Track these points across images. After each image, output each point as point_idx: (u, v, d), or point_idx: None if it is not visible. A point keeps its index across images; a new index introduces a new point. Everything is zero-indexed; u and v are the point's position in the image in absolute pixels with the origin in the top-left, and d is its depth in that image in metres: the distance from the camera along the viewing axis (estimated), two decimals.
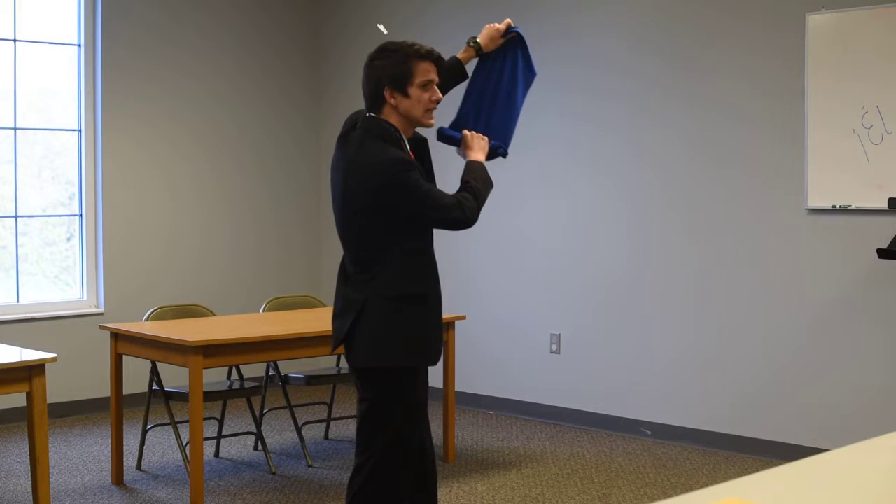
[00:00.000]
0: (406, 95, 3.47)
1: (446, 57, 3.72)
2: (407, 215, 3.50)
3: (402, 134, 3.53)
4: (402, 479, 3.59)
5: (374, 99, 3.51)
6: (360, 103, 3.63)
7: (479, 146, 3.72)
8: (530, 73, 3.93)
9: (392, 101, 3.48)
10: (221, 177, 7.49)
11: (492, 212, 7.08)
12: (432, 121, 3.56)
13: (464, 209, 3.53)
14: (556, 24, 6.55)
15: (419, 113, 3.50)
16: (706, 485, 3.97)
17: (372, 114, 3.54)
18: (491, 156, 3.79)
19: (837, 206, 5.48)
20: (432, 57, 3.50)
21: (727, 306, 5.93)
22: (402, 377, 3.55)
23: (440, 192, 3.53)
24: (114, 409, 5.23)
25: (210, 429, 5.77)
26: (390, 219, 3.49)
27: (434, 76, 3.51)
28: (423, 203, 3.47)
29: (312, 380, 5.83)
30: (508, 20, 3.92)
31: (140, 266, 7.04)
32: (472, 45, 3.89)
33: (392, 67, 3.46)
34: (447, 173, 4.03)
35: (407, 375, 3.56)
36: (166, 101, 7.19)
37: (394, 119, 3.51)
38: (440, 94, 3.54)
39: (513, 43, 3.92)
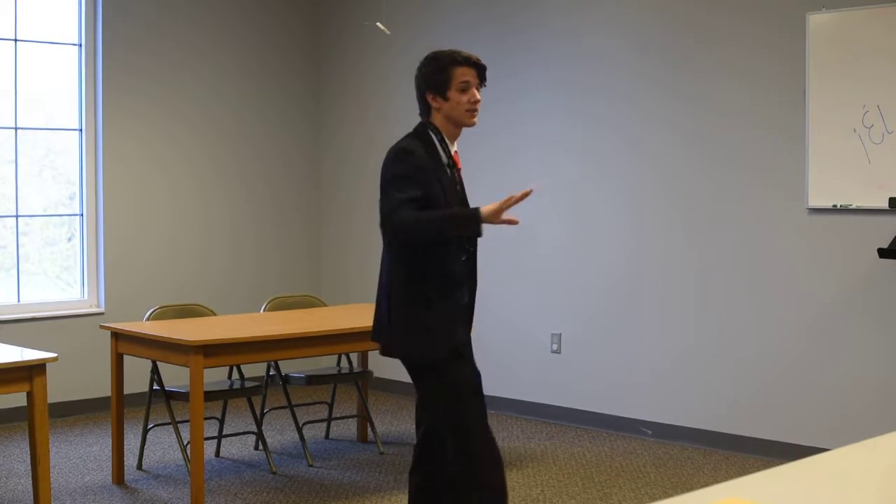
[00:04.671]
0: (446, 99, 3.72)
1: None
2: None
3: (445, 136, 3.77)
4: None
5: (422, 104, 3.80)
6: (359, 103, 3.65)
7: (491, 216, 3.74)
8: None
9: (435, 104, 3.76)
10: (222, 176, 7.49)
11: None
12: (474, 120, 3.78)
13: (392, 215, 3.62)
14: (557, 24, 6.54)
15: (460, 114, 3.74)
16: (706, 484, 3.97)
17: (426, 119, 3.81)
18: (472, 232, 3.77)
19: (838, 206, 5.47)
20: (470, 62, 3.74)
21: (727, 306, 5.93)
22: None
23: (403, 194, 3.61)
24: (114, 408, 5.23)
25: (211, 428, 5.77)
26: None
27: (472, 79, 3.73)
28: (384, 187, 3.68)
29: (313, 379, 5.84)
30: None
31: (141, 266, 7.04)
32: None
33: (433, 74, 3.75)
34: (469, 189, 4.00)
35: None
36: (167, 101, 7.19)
37: (439, 122, 3.77)
38: (478, 96, 3.75)
39: None
